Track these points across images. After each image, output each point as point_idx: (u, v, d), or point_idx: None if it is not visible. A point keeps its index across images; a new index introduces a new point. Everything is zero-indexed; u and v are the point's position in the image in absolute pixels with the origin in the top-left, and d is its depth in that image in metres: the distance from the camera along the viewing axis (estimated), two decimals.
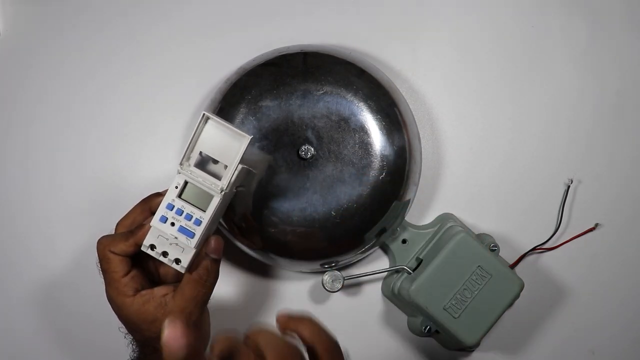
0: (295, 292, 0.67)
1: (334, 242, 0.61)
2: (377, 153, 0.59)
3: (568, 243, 0.66)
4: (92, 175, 0.68)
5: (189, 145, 0.50)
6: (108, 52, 0.69)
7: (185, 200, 0.51)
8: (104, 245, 0.53)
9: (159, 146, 0.68)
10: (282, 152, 0.59)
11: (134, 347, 0.56)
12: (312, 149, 0.59)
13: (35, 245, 0.67)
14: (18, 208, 0.68)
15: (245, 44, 0.67)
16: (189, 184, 0.51)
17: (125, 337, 0.56)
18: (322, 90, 0.60)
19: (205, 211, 0.51)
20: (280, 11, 0.69)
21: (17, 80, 0.69)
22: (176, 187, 0.51)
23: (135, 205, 0.56)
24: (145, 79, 0.68)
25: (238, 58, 0.64)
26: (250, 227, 0.60)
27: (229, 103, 0.61)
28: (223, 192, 0.50)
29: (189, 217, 0.51)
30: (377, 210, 0.60)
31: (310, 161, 0.60)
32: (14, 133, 0.68)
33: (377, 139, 0.60)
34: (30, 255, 0.67)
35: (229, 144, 0.51)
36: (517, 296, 0.60)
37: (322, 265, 0.63)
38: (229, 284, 0.66)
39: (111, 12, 0.69)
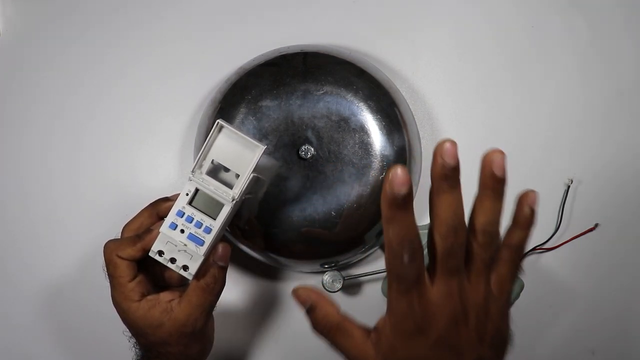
0: None
1: (334, 242, 0.61)
2: (377, 153, 0.59)
3: (568, 243, 0.66)
4: (93, 177, 0.68)
5: (202, 153, 0.50)
6: (108, 52, 0.69)
7: (196, 208, 0.51)
8: (111, 249, 0.53)
9: (159, 147, 0.68)
10: (282, 152, 0.59)
11: (137, 350, 0.56)
12: (312, 149, 0.59)
13: (39, 250, 0.67)
14: (20, 212, 0.68)
15: (245, 44, 0.67)
16: (200, 192, 0.51)
17: (129, 341, 0.56)
18: (322, 90, 0.60)
19: (215, 219, 0.51)
20: (280, 11, 0.69)
21: (17, 80, 0.69)
22: (187, 194, 0.51)
23: (143, 210, 0.56)
24: (145, 80, 0.68)
25: (238, 58, 0.64)
26: (252, 229, 0.60)
27: (229, 103, 0.60)
28: (234, 201, 0.50)
29: (199, 225, 0.51)
30: (377, 210, 0.60)
31: (310, 161, 0.60)
32: (14, 133, 0.68)
33: (377, 139, 0.60)
34: (35, 259, 0.67)
35: (242, 153, 0.51)
36: (517, 296, 0.60)
37: (322, 265, 0.63)
38: (230, 285, 0.66)
39: (111, 12, 0.69)
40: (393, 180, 0.39)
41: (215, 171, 0.52)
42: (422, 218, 0.67)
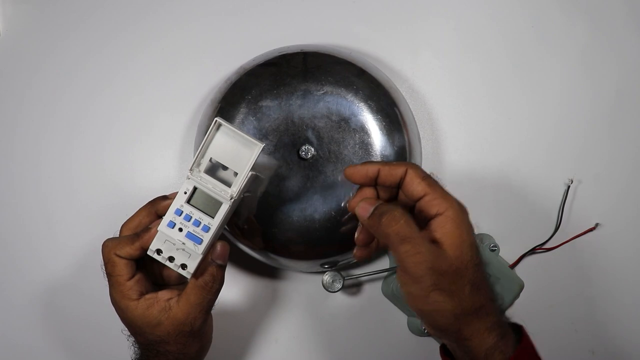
0: (295, 292, 0.67)
1: (334, 242, 0.61)
2: (377, 153, 0.59)
3: (568, 243, 0.66)
4: (92, 178, 0.67)
5: (200, 151, 0.50)
6: (108, 52, 0.69)
7: (194, 206, 0.51)
8: (109, 248, 0.53)
9: (159, 146, 0.68)
10: (282, 152, 0.59)
11: (136, 348, 0.56)
12: (313, 149, 0.59)
13: (37, 248, 0.67)
14: (16, 212, 0.68)
15: (245, 44, 0.67)
16: (198, 190, 0.51)
17: (127, 339, 0.56)
18: (322, 90, 0.60)
19: (213, 217, 0.51)
20: (280, 11, 0.69)
21: (17, 80, 0.69)
22: (185, 193, 0.51)
23: (141, 208, 0.55)
24: (145, 79, 0.68)
25: (238, 58, 0.64)
26: (251, 228, 0.60)
27: (229, 103, 0.60)
28: (232, 200, 0.50)
29: (197, 223, 0.51)
30: None
31: (311, 161, 0.60)
32: (13, 132, 0.68)
33: (377, 139, 0.60)
34: (33, 258, 0.67)
35: (240, 151, 0.51)
36: (517, 296, 0.60)
37: (322, 265, 0.63)
38: (229, 284, 0.66)
39: (110, 13, 0.69)
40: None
41: (214, 169, 0.52)
42: None
